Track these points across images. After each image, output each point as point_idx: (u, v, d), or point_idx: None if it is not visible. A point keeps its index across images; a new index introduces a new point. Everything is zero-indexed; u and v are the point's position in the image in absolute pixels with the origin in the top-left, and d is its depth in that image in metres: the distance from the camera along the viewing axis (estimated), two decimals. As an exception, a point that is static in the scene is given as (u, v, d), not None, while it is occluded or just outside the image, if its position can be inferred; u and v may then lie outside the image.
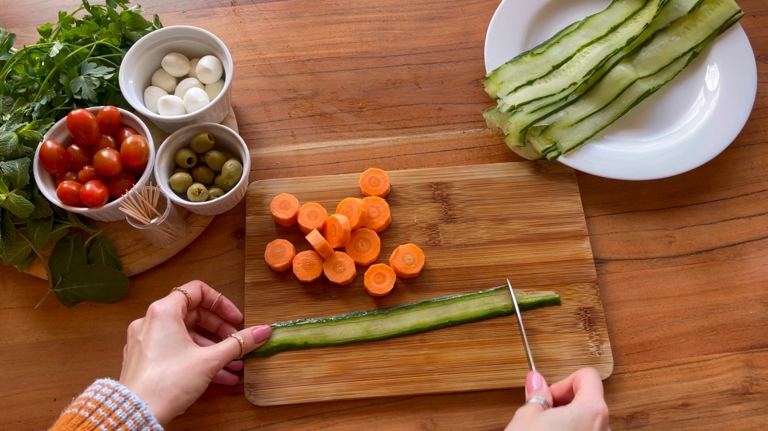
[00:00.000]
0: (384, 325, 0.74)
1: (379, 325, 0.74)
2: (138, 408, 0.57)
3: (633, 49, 0.87)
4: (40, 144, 0.75)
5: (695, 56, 0.87)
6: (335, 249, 0.77)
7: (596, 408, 0.59)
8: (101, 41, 0.82)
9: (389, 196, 0.81)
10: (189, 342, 0.65)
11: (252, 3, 0.96)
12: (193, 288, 0.70)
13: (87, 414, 0.56)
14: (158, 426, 0.57)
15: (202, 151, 0.79)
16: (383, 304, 0.76)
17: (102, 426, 0.55)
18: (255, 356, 0.73)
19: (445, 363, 0.73)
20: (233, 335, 0.70)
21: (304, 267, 0.76)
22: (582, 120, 0.84)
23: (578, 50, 0.87)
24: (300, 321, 0.74)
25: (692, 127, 0.84)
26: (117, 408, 0.56)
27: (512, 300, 0.74)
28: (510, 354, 0.73)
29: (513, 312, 0.74)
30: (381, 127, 0.87)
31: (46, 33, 0.85)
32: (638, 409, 0.72)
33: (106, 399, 0.57)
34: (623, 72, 0.85)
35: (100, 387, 0.58)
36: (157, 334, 0.63)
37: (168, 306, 0.65)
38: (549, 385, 0.66)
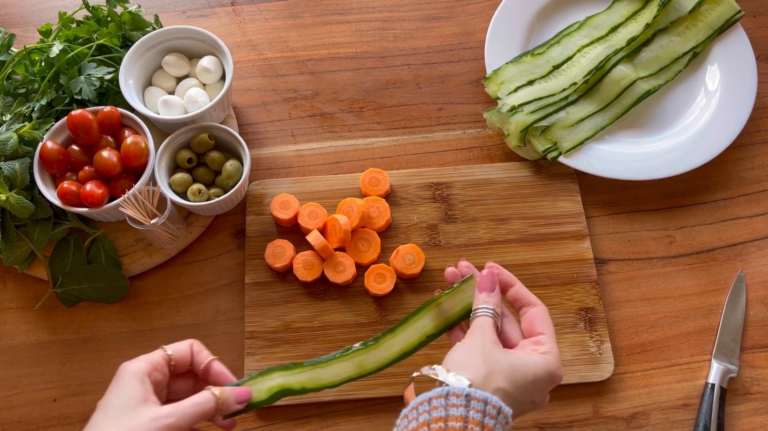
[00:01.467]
0: (376, 356, 0.64)
1: (372, 357, 0.64)
2: None
3: (633, 49, 0.87)
4: (40, 144, 0.75)
5: (695, 56, 0.87)
6: (335, 250, 0.77)
7: (558, 374, 0.55)
8: (101, 41, 0.82)
9: (389, 196, 0.81)
10: (147, 401, 0.52)
11: (252, 3, 0.96)
12: (179, 347, 0.58)
13: None
14: None
15: (202, 151, 0.79)
16: (383, 304, 0.76)
17: None
18: (258, 406, 0.61)
19: (446, 363, 0.73)
20: (208, 388, 0.55)
21: (305, 267, 0.76)
22: (582, 120, 0.84)
23: (578, 50, 0.87)
24: (292, 365, 0.63)
25: (692, 127, 0.84)
26: None
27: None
28: (510, 355, 0.73)
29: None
30: (381, 127, 0.87)
31: (46, 33, 0.85)
32: (639, 409, 0.72)
33: None
34: (623, 72, 0.85)
35: None
36: (109, 395, 0.53)
37: (134, 365, 0.55)
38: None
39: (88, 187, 0.72)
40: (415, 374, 0.55)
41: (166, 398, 0.57)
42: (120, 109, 0.77)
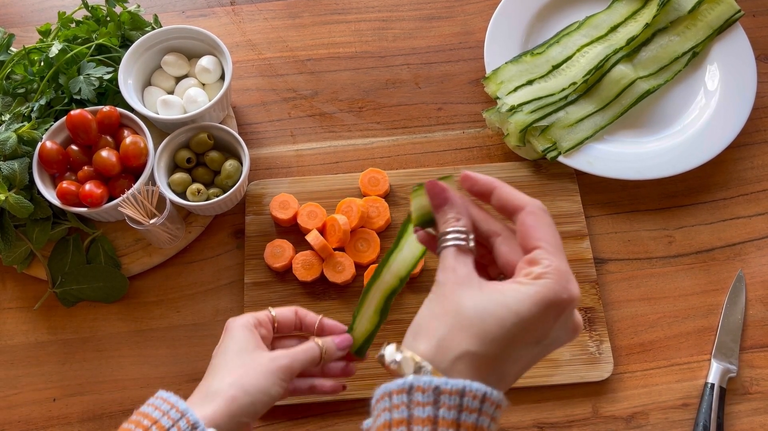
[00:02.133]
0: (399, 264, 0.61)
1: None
2: (195, 429, 0.49)
3: (633, 49, 0.87)
4: (40, 144, 0.74)
5: (695, 56, 0.87)
6: (335, 250, 0.77)
7: (563, 297, 0.40)
8: (100, 41, 0.82)
9: (389, 196, 0.81)
10: (260, 348, 0.56)
11: (251, 3, 0.96)
12: (283, 310, 0.61)
13: (132, 427, 0.50)
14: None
15: (201, 151, 0.79)
16: (383, 304, 0.76)
17: None
18: (366, 347, 0.62)
19: (445, 363, 0.73)
20: (312, 338, 0.59)
21: (304, 267, 0.76)
22: (582, 120, 0.84)
23: (578, 50, 0.87)
24: (359, 302, 0.63)
25: (692, 127, 0.84)
26: (172, 427, 0.49)
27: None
28: (510, 355, 0.73)
29: None
30: (381, 127, 0.87)
31: (45, 33, 0.85)
32: (638, 409, 0.72)
33: (162, 416, 0.50)
34: (623, 72, 0.84)
35: (160, 403, 0.52)
36: (224, 344, 0.57)
37: (242, 319, 0.58)
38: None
39: (87, 186, 0.72)
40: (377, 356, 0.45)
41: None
42: (119, 109, 0.77)
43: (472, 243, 0.44)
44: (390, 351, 0.42)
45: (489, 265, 0.48)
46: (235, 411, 0.51)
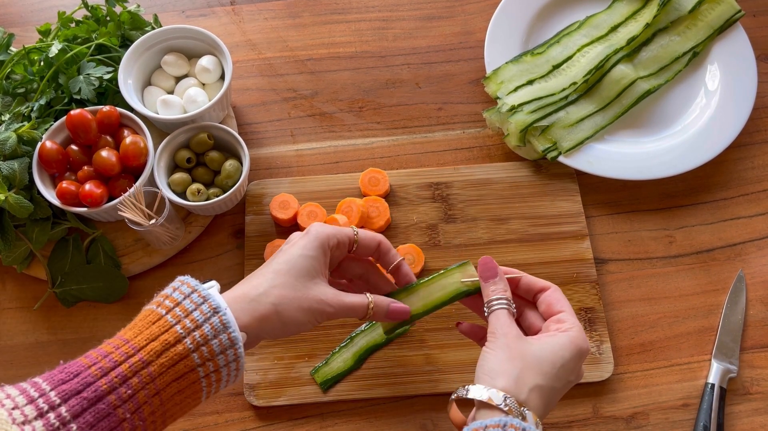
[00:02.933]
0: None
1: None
2: (216, 313, 0.51)
3: (633, 49, 0.87)
4: (39, 144, 0.74)
5: (695, 56, 0.87)
6: (335, 250, 0.77)
7: (585, 347, 0.55)
8: (100, 41, 0.82)
9: (389, 196, 0.81)
10: (320, 275, 0.58)
11: (251, 2, 0.96)
12: (366, 237, 0.61)
13: (164, 311, 0.51)
14: (237, 334, 0.51)
15: (201, 151, 0.79)
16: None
17: (178, 327, 0.50)
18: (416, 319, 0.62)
19: (445, 363, 0.73)
20: (367, 295, 0.59)
21: (304, 267, 0.76)
22: (582, 120, 0.84)
23: (578, 50, 0.87)
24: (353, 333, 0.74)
25: (692, 127, 0.84)
26: (195, 310, 0.51)
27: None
28: (510, 355, 0.73)
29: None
30: (381, 127, 0.87)
31: (45, 33, 0.85)
32: (639, 409, 0.72)
33: (184, 299, 0.51)
34: (623, 71, 0.84)
35: (179, 284, 0.53)
36: (296, 251, 0.57)
37: (324, 231, 0.58)
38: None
39: (87, 186, 0.72)
40: (452, 396, 0.55)
41: (336, 271, 0.63)
42: (119, 109, 0.77)
43: (514, 309, 0.58)
44: (477, 390, 0.52)
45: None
46: (263, 328, 0.54)
